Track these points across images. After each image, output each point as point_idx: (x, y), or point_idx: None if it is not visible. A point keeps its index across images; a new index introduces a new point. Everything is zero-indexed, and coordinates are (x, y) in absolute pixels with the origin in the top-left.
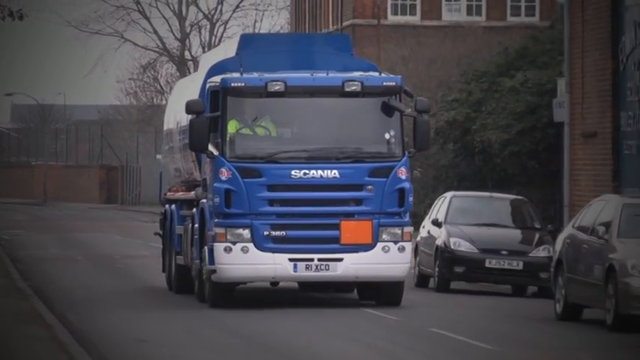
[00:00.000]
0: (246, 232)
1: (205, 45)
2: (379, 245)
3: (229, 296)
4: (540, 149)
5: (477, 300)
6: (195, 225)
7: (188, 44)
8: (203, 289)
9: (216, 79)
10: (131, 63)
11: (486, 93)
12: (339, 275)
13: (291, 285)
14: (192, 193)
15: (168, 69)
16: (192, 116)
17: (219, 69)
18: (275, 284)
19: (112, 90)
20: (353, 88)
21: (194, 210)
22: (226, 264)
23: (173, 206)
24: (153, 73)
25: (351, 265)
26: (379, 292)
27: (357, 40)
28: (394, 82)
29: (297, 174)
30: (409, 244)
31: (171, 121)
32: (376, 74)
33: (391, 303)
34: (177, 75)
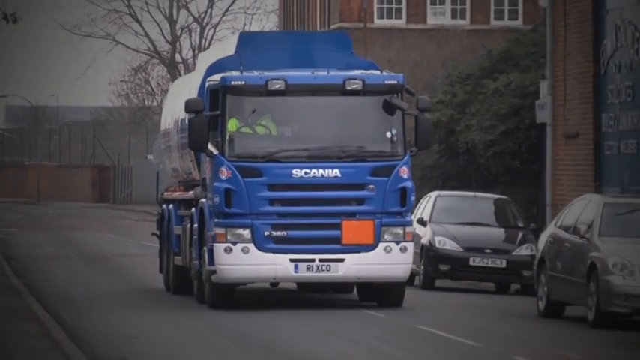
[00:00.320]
0: (247, 232)
1: (195, 48)
2: (381, 245)
3: (229, 297)
4: (523, 150)
5: (461, 297)
6: (195, 225)
7: (179, 47)
8: (202, 289)
9: (216, 77)
10: (123, 65)
11: (470, 95)
12: (340, 276)
13: (291, 285)
14: (191, 192)
15: (159, 71)
16: (192, 115)
17: (218, 67)
18: (275, 285)
19: (104, 92)
20: (354, 86)
21: (193, 210)
22: (226, 264)
23: (171, 206)
24: (144, 75)
25: (353, 266)
26: (380, 293)
27: None
28: (396, 81)
29: (297, 173)
30: (411, 244)
31: (169, 121)
32: (377, 72)
33: (393, 304)
34: (168, 77)
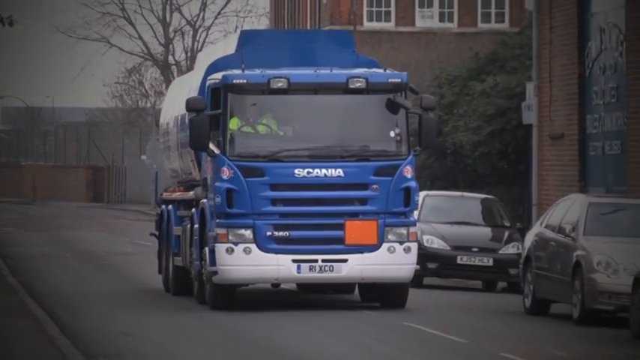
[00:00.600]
0: (249, 233)
1: (188, 50)
2: (385, 246)
3: (231, 298)
4: (510, 150)
5: (448, 295)
6: (195, 225)
7: (172, 49)
8: (203, 290)
9: (217, 75)
10: (117, 67)
11: (458, 96)
12: (343, 276)
13: (291, 286)
14: (191, 193)
15: (152, 73)
16: (193, 114)
17: (219, 66)
18: (276, 285)
19: (98, 93)
20: (358, 84)
21: (193, 210)
22: (228, 265)
23: (170, 207)
24: (138, 77)
25: (356, 266)
26: (383, 294)
27: None
28: (399, 79)
29: (300, 173)
30: (415, 244)
31: (168, 121)
32: (380, 71)
33: (396, 305)
34: (162, 79)
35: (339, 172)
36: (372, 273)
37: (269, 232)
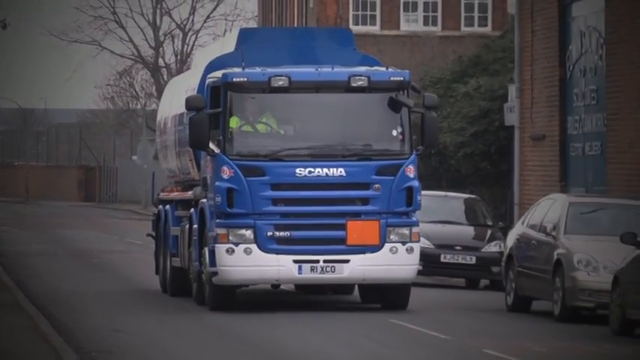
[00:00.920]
0: (249, 233)
1: (178, 53)
2: (387, 246)
3: (230, 299)
4: (492, 151)
5: (432, 293)
6: (194, 226)
7: (162, 52)
8: (202, 291)
9: (217, 74)
10: (108, 70)
11: (442, 98)
12: (345, 277)
13: (291, 286)
14: (190, 192)
15: (143, 75)
16: (192, 113)
17: (218, 64)
18: (276, 286)
19: (90, 95)
20: (360, 83)
21: (192, 210)
22: (228, 266)
23: (167, 207)
24: (129, 79)
25: (358, 267)
26: (384, 295)
27: None
28: (402, 77)
29: (301, 172)
30: (417, 244)
31: (165, 120)
32: (382, 69)
33: (398, 306)
34: (152, 81)
35: (340, 171)
36: (374, 274)
37: (270, 233)
